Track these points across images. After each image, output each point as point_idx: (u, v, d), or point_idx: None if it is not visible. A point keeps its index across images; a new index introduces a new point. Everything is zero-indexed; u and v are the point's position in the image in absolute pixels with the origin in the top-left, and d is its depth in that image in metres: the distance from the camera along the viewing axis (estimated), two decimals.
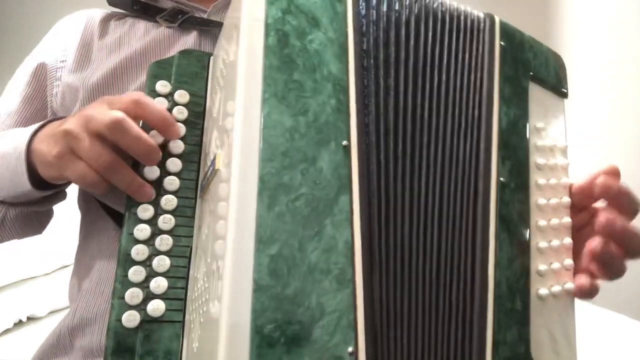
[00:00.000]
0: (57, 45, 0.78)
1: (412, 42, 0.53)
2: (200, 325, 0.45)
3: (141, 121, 0.55)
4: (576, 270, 0.56)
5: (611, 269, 0.54)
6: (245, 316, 0.38)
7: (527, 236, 0.53)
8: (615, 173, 0.56)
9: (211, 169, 0.50)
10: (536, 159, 0.57)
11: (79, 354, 0.66)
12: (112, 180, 0.52)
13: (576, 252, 0.57)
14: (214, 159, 0.49)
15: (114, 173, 0.51)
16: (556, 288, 0.54)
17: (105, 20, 0.80)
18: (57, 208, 0.77)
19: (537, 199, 0.56)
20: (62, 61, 0.76)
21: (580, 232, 0.59)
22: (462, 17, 0.57)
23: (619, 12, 2.10)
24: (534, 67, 0.60)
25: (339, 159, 0.46)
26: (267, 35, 0.48)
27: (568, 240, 0.56)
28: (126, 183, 0.52)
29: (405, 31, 0.53)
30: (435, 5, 0.56)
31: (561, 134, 0.61)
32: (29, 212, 0.71)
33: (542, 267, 0.53)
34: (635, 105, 1.96)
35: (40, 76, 0.76)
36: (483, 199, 0.51)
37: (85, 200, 0.76)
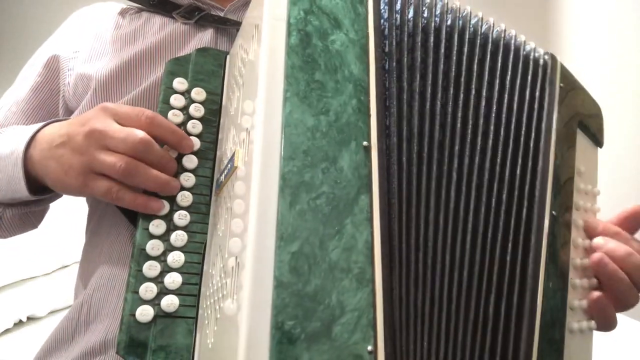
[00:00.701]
0: (71, 36, 0.78)
1: (442, 50, 0.54)
2: (217, 321, 0.45)
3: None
4: None
5: (626, 301, 0.56)
6: (266, 312, 0.38)
7: (568, 271, 0.55)
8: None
9: (229, 165, 0.50)
10: (577, 199, 0.59)
11: (83, 350, 0.66)
12: (137, 182, 0.52)
13: None
14: (233, 156, 0.49)
15: (134, 176, 0.52)
16: (584, 324, 0.55)
17: (122, 13, 0.80)
18: (57, 208, 0.76)
19: (575, 237, 0.57)
20: (76, 51, 0.76)
21: None
22: (512, 43, 0.58)
23: (618, 7, 2.11)
24: (582, 114, 0.62)
25: (359, 159, 0.46)
26: (289, 35, 0.48)
27: (594, 281, 0.57)
28: (152, 181, 0.52)
29: (435, 39, 0.54)
30: (473, 21, 0.57)
31: (595, 180, 0.63)
32: (25, 212, 0.71)
33: (575, 302, 0.55)
34: (635, 101, 1.96)
35: (52, 66, 0.76)
36: (537, 228, 0.52)
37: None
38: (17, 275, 1.86)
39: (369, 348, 0.39)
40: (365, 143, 0.47)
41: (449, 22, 0.55)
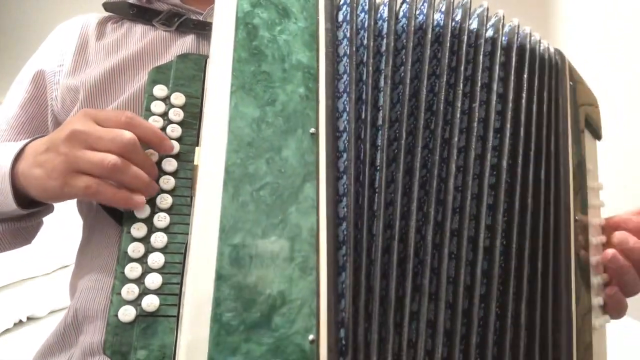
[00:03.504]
0: (55, 51, 0.79)
1: (429, 35, 0.53)
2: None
3: None
4: None
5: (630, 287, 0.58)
6: (206, 305, 0.39)
7: (589, 273, 0.55)
8: None
9: (194, 166, 0.50)
10: (590, 199, 0.59)
11: (80, 350, 0.67)
12: (124, 178, 0.52)
13: None
14: (195, 155, 0.50)
15: (122, 172, 0.51)
16: (601, 320, 0.56)
17: (102, 23, 0.81)
18: (57, 208, 0.77)
19: (591, 238, 0.57)
20: (60, 65, 0.77)
21: None
22: (499, 38, 0.56)
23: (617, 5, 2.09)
24: (586, 110, 0.62)
25: (305, 147, 0.46)
26: (236, 29, 0.49)
27: (605, 276, 0.58)
28: (137, 179, 0.52)
29: (411, 24, 0.53)
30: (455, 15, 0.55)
31: (597, 176, 0.63)
32: (17, 227, 0.72)
33: (594, 300, 0.55)
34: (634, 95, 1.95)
35: (39, 82, 0.77)
36: (565, 235, 0.53)
37: (86, 203, 0.76)
38: (17, 275, 1.87)
39: (311, 337, 0.39)
40: (312, 130, 0.46)
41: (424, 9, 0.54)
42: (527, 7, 2.50)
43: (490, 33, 0.55)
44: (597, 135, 0.64)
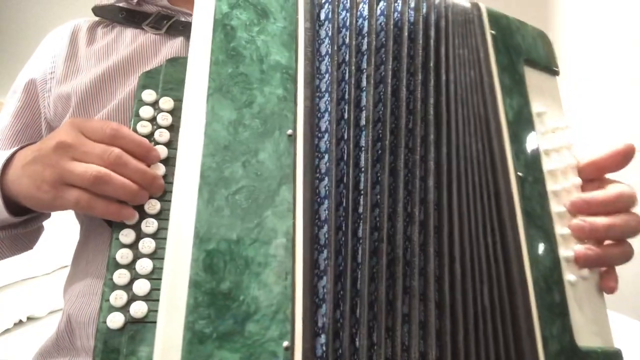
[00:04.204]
0: (46, 59, 0.79)
1: (406, 33, 0.52)
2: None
3: None
4: None
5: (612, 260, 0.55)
6: (179, 313, 0.38)
7: (552, 227, 0.52)
8: (630, 153, 0.56)
9: None
10: (543, 146, 0.56)
11: (78, 354, 0.67)
12: (107, 190, 0.52)
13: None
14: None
15: (106, 184, 0.51)
16: (585, 271, 0.53)
17: (93, 28, 0.80)
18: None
19: (552, 186, 0.54)
20: (51, 72, 0.77)
21: None
22: (449, 9, 0.55)
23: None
24: (526, 50, 0.58)
25: (282, 149, 0.45)
26: (214, 31, 0.48)
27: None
28: (122, 189, 0.52)
29: (394, 20, 0.52)
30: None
31: (560, 114, 0.59)
32: (15, 234, 0.72)
33: (568, 253, 0.52)
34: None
35: (31, 90, 0.77)
36: (507, 197, 0.50)
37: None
38: (17, 275, 1.88)
39: (285, 344, 0.39)
40: (289, 131, 0.46)
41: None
42: (527, 7, 2.48)
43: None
44: (551, 71, 0.61)
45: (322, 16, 0.53)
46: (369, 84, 0.50)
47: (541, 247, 0.51)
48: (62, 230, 1.84)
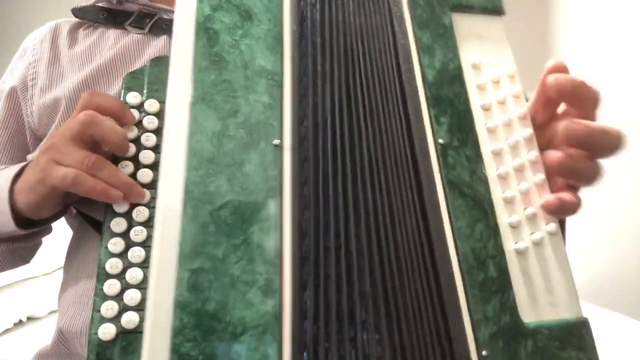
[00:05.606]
0: (25, 64, 0.77)
1: (340, 17, 0.50)
2: None
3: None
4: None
5: (581, 175, 0.50)
6: (164, 335, 0.37)
7: (488, 192, 0.48)
8: (561, 68, 0.50)
9: None
10: (481, 100, 0.51)
11: None
12: (103, 176, 0.50)
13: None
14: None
15: (101, 169, 0.50)
16: (537, 235, 0.48)
17: (74, 30, 0.78)
18: None
19: (492, 145, 0.50)
20: (33, 79, 0.75)
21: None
22: None
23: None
24: None
25: (268, 160, 0.43)
26: (197, 34, 0.46)
27: (541, 177, 0.50)
28: (117, 178, 0.50)
29: (335, 6, 0.50)
30: None
31: (507, 59, 0.54)
32: (15, 248, 0.71)
33: (514, 217, 0.48)
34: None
35: (13, 99, 0.75)
36: (424, 169, 0.47)
37: (72, 217, 0.75)
38: (17, 275, 1.87)
39: None
40: (276, 141, 0.44)
41: None
42: (527, 7, 2.46)
43: None
44: (492, 11, 0.55)
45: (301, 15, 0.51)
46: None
47: (470, 218, 0.47)
48: (62, 230, 1.83)
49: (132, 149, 0.53)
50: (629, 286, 1.57)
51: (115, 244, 0.50)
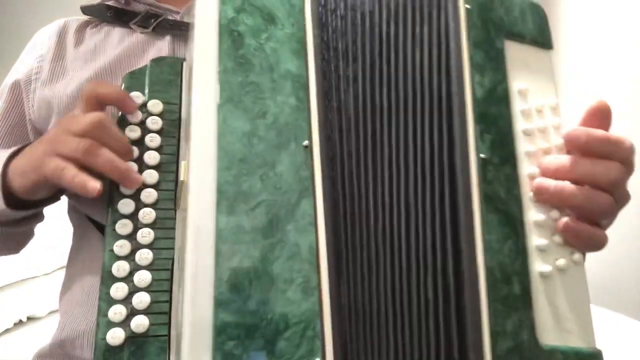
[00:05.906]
0: (32, 59, 0.77)
1: (367, 24, 0.50)
2: (174, 340, 0.44)
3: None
4: None
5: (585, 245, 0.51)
6: (207, 334, 0.38)
7: (521, 213, 0.49)
8: (601, 112, 0.51)
9: (180, 180, 0.49)
10: (523, 125, 0.52)
11: None
12: (95, 164, 0.51)
13: None
14: (181, 169, 0.48)
15: (95, 156, 0.51)
16: (561, 261, 0.49)
17: (81, 28, 0.79)
18: (56, 209, 0.76)
19: (529, 168, 0.51)
20: (37, 73, 0.75)
21: None
22: None
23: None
24: (508, 24, 0.55)
25: (299, 161, 0.44)
26: (220, 36, 0.46)
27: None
28: (110, 163, 0.51)
29: (361, 13, 0.50)
30: None
31: (550, 90, 0.55)
32: (6, 233, 0.71)
33: (542, 242, 0.49)
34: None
35: (16, 91, 0.76)
36: (463, 180, 0.47)
37: (75, 213, 0.75)
38: (17, 275, 1.87)
39: None
40: (305, 143, 0.45)
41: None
42: None
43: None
44: (542, 44, 0.56)
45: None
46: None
47: (501, 234, 0.47)
48: (62, 230, 1.82)
49: (136, 150, 0.54)
50: (629, 286, 1.59)
51: (121, 247, 0.50)
